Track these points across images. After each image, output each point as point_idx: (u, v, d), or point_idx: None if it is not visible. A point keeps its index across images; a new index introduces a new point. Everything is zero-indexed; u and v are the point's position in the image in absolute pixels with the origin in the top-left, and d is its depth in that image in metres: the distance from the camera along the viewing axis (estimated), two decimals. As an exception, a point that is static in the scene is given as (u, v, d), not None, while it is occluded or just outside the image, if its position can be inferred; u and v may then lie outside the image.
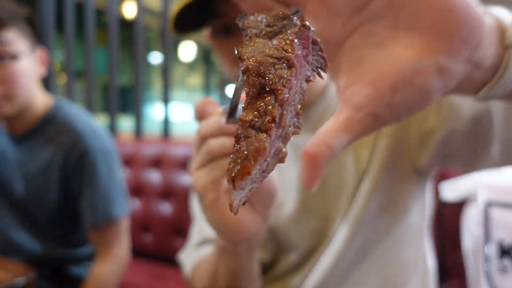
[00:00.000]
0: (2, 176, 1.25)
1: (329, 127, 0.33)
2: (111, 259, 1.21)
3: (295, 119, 0.29)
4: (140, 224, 1.80)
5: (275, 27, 0.30)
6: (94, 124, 1.26)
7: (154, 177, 1.83)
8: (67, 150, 1.18)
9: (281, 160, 0.29)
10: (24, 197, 1.22)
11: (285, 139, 0.28)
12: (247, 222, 0.48)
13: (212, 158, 0.45)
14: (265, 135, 0.26)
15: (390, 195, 0.75)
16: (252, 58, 0.28)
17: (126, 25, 2.84)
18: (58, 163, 1.18)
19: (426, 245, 0.83)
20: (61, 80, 3.18)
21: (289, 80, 0.27)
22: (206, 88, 11.81)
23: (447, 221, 1.11)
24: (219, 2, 0.69)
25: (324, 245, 0.78)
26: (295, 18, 0.30)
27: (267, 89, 0.27)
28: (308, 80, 0.30)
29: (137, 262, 1.65)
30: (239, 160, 0.26)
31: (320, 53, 0.31)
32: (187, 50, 9.11)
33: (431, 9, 0.29)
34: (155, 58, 7.73)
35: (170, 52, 2.49)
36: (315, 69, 0.31)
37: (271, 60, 0.28)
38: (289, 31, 0.30)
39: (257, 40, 0.30)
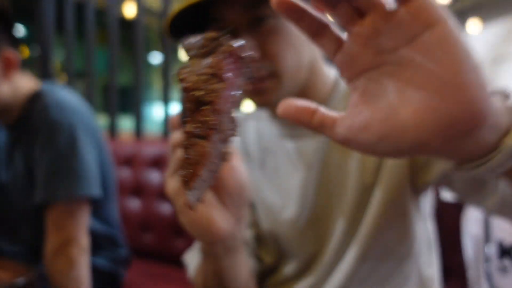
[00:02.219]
0: None
1: None
2: (77, 248, 1.07)
3: (231, 124, 0.35)
4: (140, 224, 1.80)
5: (207, 47, 0.35)
6: (68, 99, 1.15)
7: (155, 177, 1.83)
8: (39, 127, 1.10)
9: (225, 159, 0.36)
10: (9, 185, 1.20)
11: (225, 141, 0.35)
12: (219, 222, 0.50)
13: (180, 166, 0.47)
14: (206, 141, 0.31)
15: (399, 208, 0.74)
16: (189, 78, 0.33)
17: (126, 25, 2.84)
18: (30, 145, 1.12)
19: (426, 253, 0.81)
20: (62, 80, 3.18)
21: (221, 92, 0.32)
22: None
23: (447, 221, 1.11)
24: (215, 7, 0.68)
25: (324, 252, 0.78)
26: (224, 38, 0.36)
27: (205, 102, 0.32)
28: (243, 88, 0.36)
29: (137, 262, 1.65)
30: (189, 166, 0.32)
31: (251, 64, 0.36)
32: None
33: (446, 73, 0.28)
34: (155, 58, 7.71)
35: (170, 52, 2.49)
36: (249, 78, 0.37)
37: (205, 77, 0.33)
38: (220, 49, 0.35)
39: (194, 61, 0.35)
